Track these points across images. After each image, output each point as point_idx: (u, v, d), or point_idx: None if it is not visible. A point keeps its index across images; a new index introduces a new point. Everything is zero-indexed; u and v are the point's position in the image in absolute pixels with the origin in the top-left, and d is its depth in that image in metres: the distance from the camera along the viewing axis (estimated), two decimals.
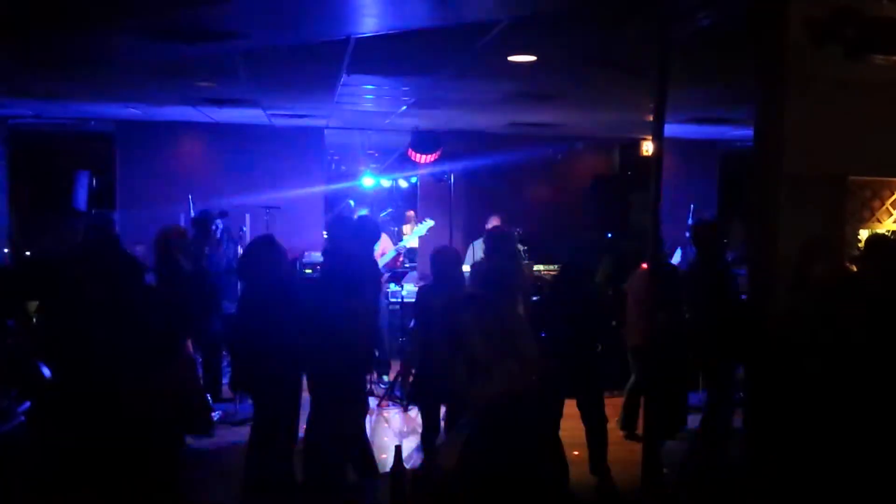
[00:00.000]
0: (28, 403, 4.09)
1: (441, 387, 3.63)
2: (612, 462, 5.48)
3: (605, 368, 5.76)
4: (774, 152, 3.93)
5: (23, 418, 4.00)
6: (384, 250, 8.38)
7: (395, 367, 7.46)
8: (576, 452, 5.45)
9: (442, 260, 5.41)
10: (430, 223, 8.74)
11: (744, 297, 5.04)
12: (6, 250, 9.96)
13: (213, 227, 7.75)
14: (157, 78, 6.77)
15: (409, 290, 8.72)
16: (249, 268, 4.75)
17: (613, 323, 6.21)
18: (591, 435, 5.48)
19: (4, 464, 3.68)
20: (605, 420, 5.52)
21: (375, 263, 6.31)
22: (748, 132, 4.16)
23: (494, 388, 2.27)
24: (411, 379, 5.70)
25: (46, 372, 4.41)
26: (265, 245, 4.79)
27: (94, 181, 10.61)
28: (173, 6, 3.99)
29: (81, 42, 5.23)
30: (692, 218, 8.84)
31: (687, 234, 8.28)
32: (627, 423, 6.44)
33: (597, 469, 5.45)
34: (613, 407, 5.68)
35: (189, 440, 5.64)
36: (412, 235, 9.29)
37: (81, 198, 10.36)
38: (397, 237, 11.15)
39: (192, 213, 8.70)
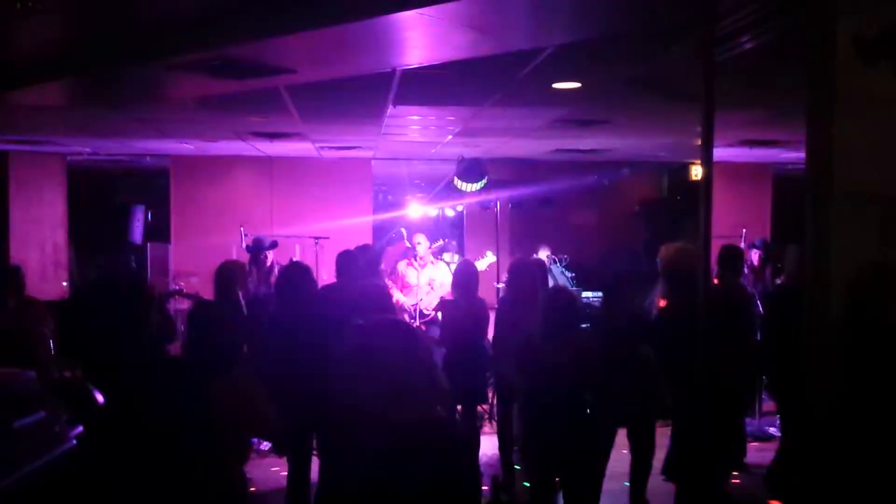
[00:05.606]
0: (81, 428, 4.14)
1: None
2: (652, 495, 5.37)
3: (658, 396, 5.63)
4: (827, 173, 3.84)
5: (74, 442, 4.04)
6: (404, 285, 7.79)
7: None
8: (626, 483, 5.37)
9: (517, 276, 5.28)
10: (491, 258, 8.11)
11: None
12: (65, 283, 10.26)
13: (263, 257, 7.87)
14: (210, 114, 6.95)
15: None
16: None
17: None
18: (638, 465, 5.35)
19: (55, 490, 3.69)
20: (653, 450, 5.40)
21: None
22: (800, 154, 4.08)
23: None
24: None
25: (100, 397, 4.48)
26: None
27: (150, 215, 10.93)
28: (223, 43, 4.11)
29: (137, 80, 5.40)
30: (744, 242, 8.67)
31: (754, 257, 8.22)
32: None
33: (637, 501, 5.32)
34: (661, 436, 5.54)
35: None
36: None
37: (137, 232, 10.67)
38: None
39: (244, 245, 8.86)
